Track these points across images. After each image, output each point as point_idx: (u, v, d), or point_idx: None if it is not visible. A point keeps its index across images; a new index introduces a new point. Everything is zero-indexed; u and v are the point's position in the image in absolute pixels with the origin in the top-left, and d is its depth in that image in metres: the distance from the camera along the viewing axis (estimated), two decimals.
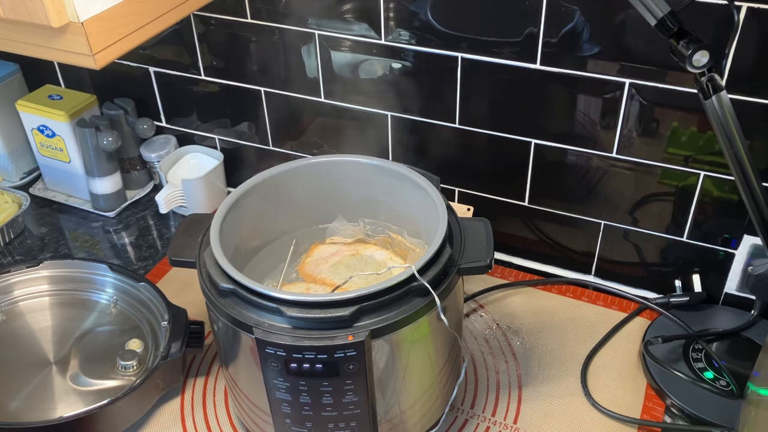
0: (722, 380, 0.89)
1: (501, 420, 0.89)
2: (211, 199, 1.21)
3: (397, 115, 1.06)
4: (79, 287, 1.04)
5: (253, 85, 1.13)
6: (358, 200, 0.90)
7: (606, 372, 0.94)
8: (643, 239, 1.02)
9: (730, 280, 0.99)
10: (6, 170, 1.32)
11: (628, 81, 0.89)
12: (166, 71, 1.19)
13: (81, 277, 1.04)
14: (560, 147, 0.98)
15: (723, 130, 0.72)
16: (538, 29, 0.89)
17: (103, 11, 0.72)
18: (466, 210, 1.09)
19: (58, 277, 1.04)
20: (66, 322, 1.00)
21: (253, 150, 1.22)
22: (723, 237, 0.96)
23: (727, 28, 0.76)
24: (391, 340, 0.71)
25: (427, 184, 0.82)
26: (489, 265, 0.75)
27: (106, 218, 1.24)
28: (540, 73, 0.93)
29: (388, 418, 0.76)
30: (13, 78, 1.29)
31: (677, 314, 0.98)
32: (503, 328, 1.01)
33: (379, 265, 0.85)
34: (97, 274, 1.03)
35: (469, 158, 1.06)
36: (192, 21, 1.11)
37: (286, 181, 0.86)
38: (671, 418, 0.88)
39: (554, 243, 1.09)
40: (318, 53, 1.05)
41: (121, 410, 0.86)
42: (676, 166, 0.93)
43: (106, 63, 0.73)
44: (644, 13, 0.69)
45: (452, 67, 0.97)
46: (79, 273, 1.04)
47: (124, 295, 1.02)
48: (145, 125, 1.23)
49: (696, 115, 0.89)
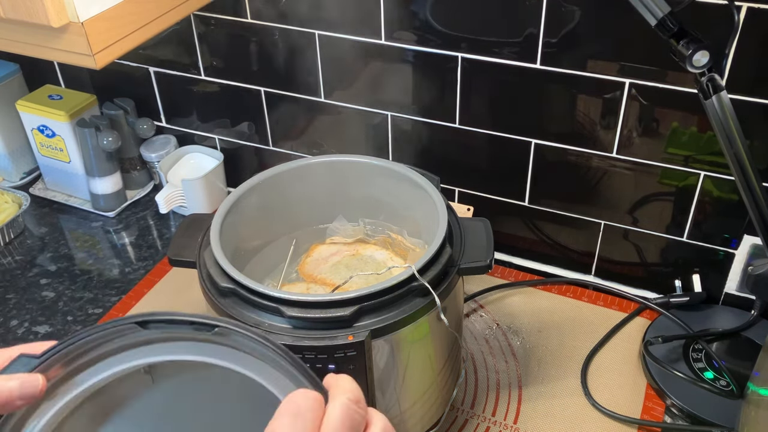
0: (722, 380, 0.89)
1: (501, 420, 0.89)
2: (211, 199, 1.21)
3: (397, 115, 1.06)
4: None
5: (253, 85, 1.13)
6: (358, 200, 0.90)
7: (606, 372, 0.94)
8: (643, 239, 1.02)
9: (730, 280, 0.99)
10: (6, 170, 1.32)
11: (628, 81, 0.89)
12: (166, 71, 1.19)
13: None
14: (560, 147, 0.98)
15: (723, 130, 0.72)
16: (538, 29, 0.89)
17: (103, 11, 0.72)
18: (466, 210, 1.09)
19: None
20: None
21: (253, 150, 1.22)
22: (723, 237, 0.96)
23: (727, 28, 0.76)
24: (391, 340, 0.71)
25: (427, 184, 0.82)
26: (489, 265, 0.75)
27: (106, 218, 1.24)
28: (540, 73, 0.93)
29: (389, 418, 0.76)
30: (13, 78, 1.29)
31: (677, 314, 0.98)
32: (503, 328, 1.01)
33: (379, 265, 0.85)
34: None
35: (469, 158, 1.06)
36: (192, 21, 1.11)
37: (286, 181, 0.86)
38: (671, 418, 0.88)
39: (554, 243, 1.09)
40: (318, 53, 1.05)
41: None
42: (676, 166, 0.93)
43: (106, 63, 0.73)
44: (644, 13, 0.69)
45: (452, 67, 0.97)
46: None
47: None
48: (145, 125, 1.23)
49: (696, 115, 0.89)
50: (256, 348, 0.42)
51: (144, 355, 0.45)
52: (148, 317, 0.43)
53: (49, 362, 0.44)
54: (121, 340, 0.44)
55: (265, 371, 0.42)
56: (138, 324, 0.43)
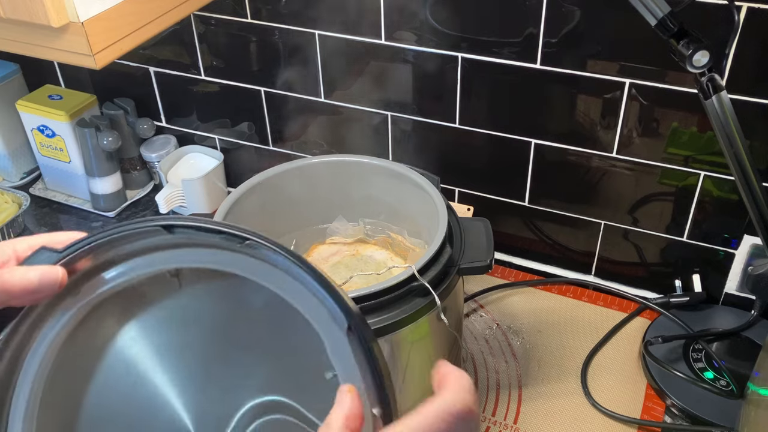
0: (722, 380, 0.89)
1: (501, 420, 0.89)
2: (211, 199, 1.21)
3: (397, 115, 1.06)
4: None
5: (253, 85, 1.13)
6: (358, 200, 0.90)
7: (606, 372, 0.94)
8: (643, 239, 1.02)
9: (730, 280, 0.99)
10: (6, 170, 1.32)
11: (628, 81, 0.89)
12: (166, 71, 1.19)
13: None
14: (560, 147, 0.98)
15: (723, 130, 0.72)
16: (538, 29, 0.89)
17: (103, 11, 0.72)
18: (466, 210, 1.09)
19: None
20: None
21: (253, 150, 1.22)
22: (723, 237, 0.96)
23: (727, 28, 0.76)
24: (392, 340, 0.71)
25: (427, 184, 0.82)
26: (489, 265, 0.75)
27: (106, 218, 1.24)
28: (540, 73, 0.93)
29: None
30: (13, 78, 1.29)
31: (677, 314, 0.98)
32: (503, 328, 1.01)
33: (379, 265, 0.85)
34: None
35: (469, 158, 1.06)
36: (192, 21, 1.11)
37: (286, 181, 0.86)
38: (671, 418, 0.88)
39: (554, 243, 1.09)
40: (318, 53, 1.05)
41: None
42: (676, 166, 0.93)
43: (106, 63, 0.73)
44: (644, 13, 0.69)
45: (452, 67, 0.97)
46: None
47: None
48: (145, 125, 1.23)
49: (696, 115, 0.89)
50: (285, 264, 0.41)
51: (172, 259, 0.44)
52: (174, 221, 0.42)
53: (72, 257, 0.43)
54: (147, 241, 0.43)
55: (293, 289, 0.41)
56: (163, 227, 0.42)
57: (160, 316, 0.50)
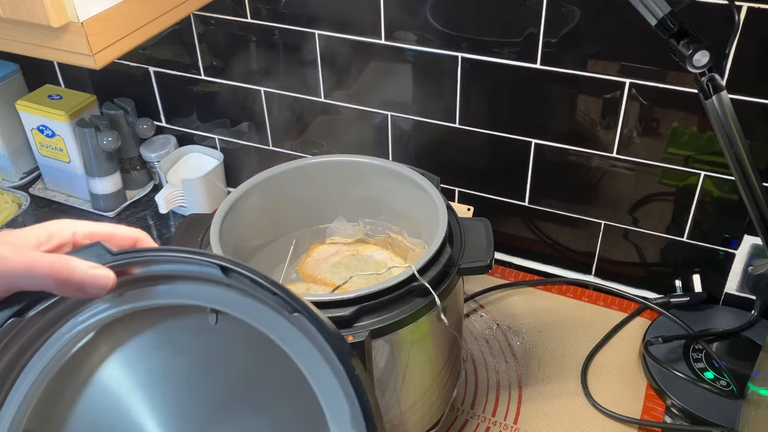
0: (722, 380, 0.89)
1: (501, 420, 0.89)
2: (211, 199, 1.21)
3: (397, 115, 1.06)
4: None
5: (253, 85, 1.13)
6: (358, 200, 0.90)
7: (606, 372, 0.94)
8: (644, 239, 1.02)
9: (730, 280, 0.99)
10: (6, 170, 1.32)
11: (628, 81, 0.89)
12: (166, 71, 1.19)
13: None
14: (560, 147, 0.98)
15: (723, 130, 0.72)
16: (538, 29, 0.89)
17: (102, 11, 0.72)
18: (466, 210, 1.09)
19: None
20: None
21: (253, 150, 1.22)
22: (723, 237, 0.96)
23: (727, 28, 0.76)
24: (391, 340, 0.71)
25: (427, 184, 0.82)
26: (489, 265, 0.75)
27: (105, 218, 1.24)
28: (540, 73, 0.93)
29: (388, 418, 0.76)
30: (13, 78, 1.29)
31: (677, 314, 0.98)
32: (503, 328, 1.01)
33: (379, 265, 0.85)
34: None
35: (469, 158, 1.06)
36: (192, 21, 1.11)
37: (286, 181, 0.86)
38: (671, 419, 0.88)
39: (554, 243, 1.09)
40: (318, 53, 1.05)
41: None
42: (677, 166, 0.93)
43: (106, 63, 0.73)
44: (644, 13, 0.69)
45: (452, 67, 0.97)
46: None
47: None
48: (145, 125, 1.23)
49: (696, 115, 0.89)
50: (326, 350, 0.40)
51: (219, 300, 0.43)
52: (232, 266, 0.41)
53: (122, 264, 0.43)
54: (199, 272, 0.43)
55: (322, 377, 0.40)
56: (220, 268, 0.42)
57: (181, 344, 0.48)
